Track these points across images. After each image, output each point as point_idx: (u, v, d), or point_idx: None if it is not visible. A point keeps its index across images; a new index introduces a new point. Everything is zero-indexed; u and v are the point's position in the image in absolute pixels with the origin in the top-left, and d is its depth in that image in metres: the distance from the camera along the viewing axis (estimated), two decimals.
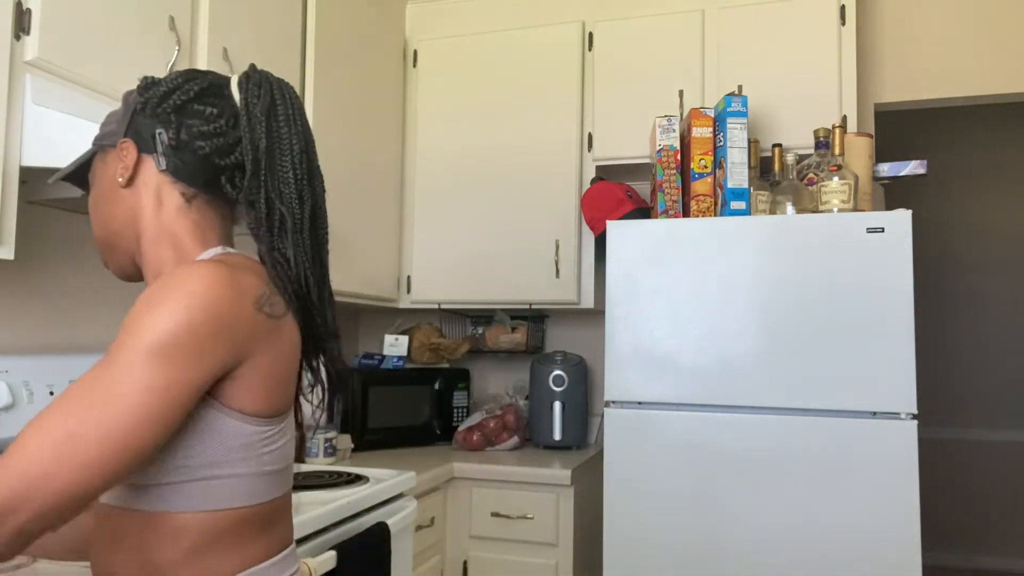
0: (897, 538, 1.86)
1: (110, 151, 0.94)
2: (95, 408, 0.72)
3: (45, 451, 0.70)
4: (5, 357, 1.52)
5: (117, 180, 0.92)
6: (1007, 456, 4.44)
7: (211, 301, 0.78)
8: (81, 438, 0.71)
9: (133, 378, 0.73)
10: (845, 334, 1.93)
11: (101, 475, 0.72)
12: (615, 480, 2.08)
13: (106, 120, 0.96)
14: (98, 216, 0.94)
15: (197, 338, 0.76)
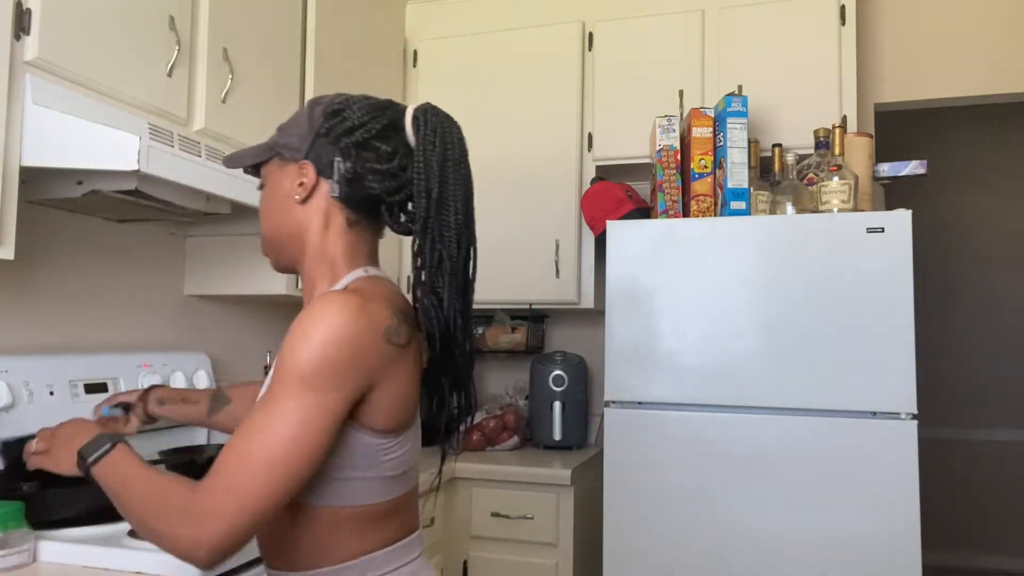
0: (897, 538, 1.86)
1: (290, 164, 1.03)
2: (263, 438, 0.86)
3: (235, 476, 0.85)
4: (5, 357, 1.52)
5: (294, 197, 1.02)
6: (1007, 456, 4.44)
7: (346, 335, 0.89)
8: (255, 465, 0.85)
9: (287, 410, 0.87)
10: (845, 334, 1.93)
11: (277, 494, 0.86)
12: (615, 480, 2.08)
13: (288, 127, 1.03)
14: (269, 220, 1.05)
15: (336, 371, 0.88)
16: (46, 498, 1.29)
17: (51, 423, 1.54)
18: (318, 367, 0.87)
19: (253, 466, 0.85)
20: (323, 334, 0.88)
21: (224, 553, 0.84)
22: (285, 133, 1.03)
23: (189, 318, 2.18)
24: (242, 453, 0.86)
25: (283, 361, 0.89)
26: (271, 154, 1.05)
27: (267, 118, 2.01)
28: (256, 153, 1.06)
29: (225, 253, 2.13)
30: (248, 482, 0.84)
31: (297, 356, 0.88)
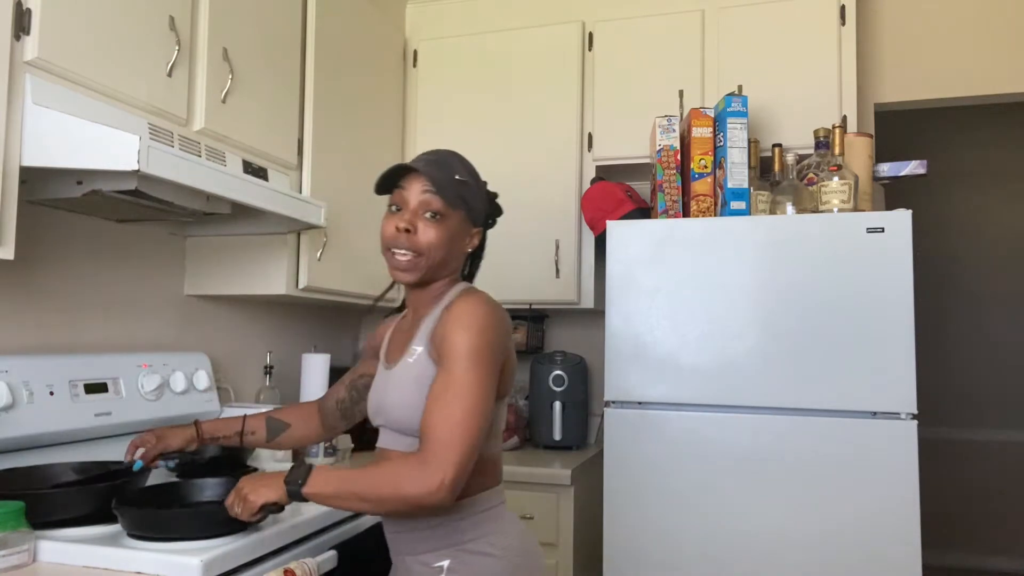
0: (897, 538, 1.86)
1: (472, 224, 1.34)
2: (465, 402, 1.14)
3: (449, 435, 1.12)
4: (5, 357, 1.52)
5: (466, 248, 1.35)
6: (1007, 456, 4.44)
7: (497, 323, 1.22)
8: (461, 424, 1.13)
9: (471, 381, 1.16)
10: (845, 334, 1.93)
11: (478, 444, 1.15)
12: (615, 480, 2.08)
13: (474, 196, 1.32)
14: (446, 250, 1.29)
15: (495, 350, 1.20)
16: (46, 498, 1.29)
17: (51, 423, 1.55)
18: (486, 348, 1.18)
19: (459, 425, 1.12)
20: (490, 328, 1.20)
21: (456, 490, 1.11)
22: (472, 197, 1.32)
23: (189, 318, 2.18)
24: (447, 417, 1.12)
25: (455, 346, 1.17)
26: (464, 209, 1.31)
27: (267, 118, 2.01)
28: (454, 200, 1.28)
29: (225, 253, 2.13)
30: (459, 437, 1.11)
31: (471, 341, 1.17)
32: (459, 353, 1.17)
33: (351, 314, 3.11)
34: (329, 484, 1.15)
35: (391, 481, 1.11)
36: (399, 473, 1.11)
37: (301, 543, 1.43)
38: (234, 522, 1.28)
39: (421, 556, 1.24)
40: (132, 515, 1.24)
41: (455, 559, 1.21)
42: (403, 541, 1.27)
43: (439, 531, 1.22)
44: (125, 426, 1.75)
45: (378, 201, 2.63)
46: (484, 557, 1.21)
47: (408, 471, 1.11)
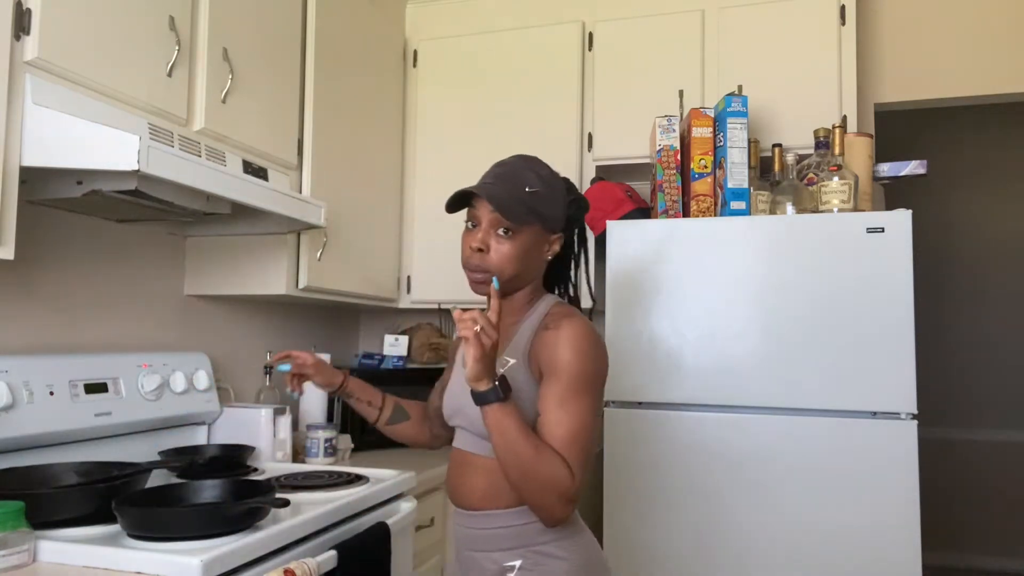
0: (897, 538, 1.86)
1: (550, 232, 1.34)
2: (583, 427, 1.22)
3: (580, 466, 1.20)
4: (5, 357, 1.52)
5: (545, 256, 1.36)
6: (1007, 456, 4.44)
7: (602, 351, 1.30)
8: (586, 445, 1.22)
9: (587, 407, 1.23)
10: (845, 334, 1.93)
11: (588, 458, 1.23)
12: (615, 480, 2.08)
13: (546, 203, 1.31)
14: (519, 264, 1.31)
15: (602, 376, 1.29)
16: (46, 498, 1.29)
17: (51, 423, 1.55)
18: (597, 375, 1.26)
19: (581, 449, 1.20)
20: (595, 352, 1.27)
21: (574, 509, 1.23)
22: (546, 206, 1.31)
23: (189, 318, 2.18)
24: (580, 443, 1.20)
25: (569, 368, 1.23)
26: (538, 220, 1.31)
27: (267, 118, 2.01)
28: (526, 213, 1.29)
29: (225, 253, 2.13)
30: (581, 462, 1.20)
31: (583, 365, 1.24)
32: (573, 376, 1.23)
33: (351, 314, 3.11)
34: (512, 424, 1.17)
35: (549, 480, 1.16)
36: (557, 481, 1.16)
37: (301, 543, 1.43)
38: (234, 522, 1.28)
39: (493, 554, 1.27)
40: (132, 515, 1.24)
41: (527, 559, 1.25)
42: (475, 538, 1.30)
43: (515, 531, 1.27)
44: (125, 426, 1.75)
45: (378, 201, 2.63)
46: (554, 560, 1.25)
47: (564, 487, 1.17)
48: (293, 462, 2.14)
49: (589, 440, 1.22)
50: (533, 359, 1.27)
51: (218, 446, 1.96)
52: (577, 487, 1.18)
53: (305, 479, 1.77)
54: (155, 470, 1.57)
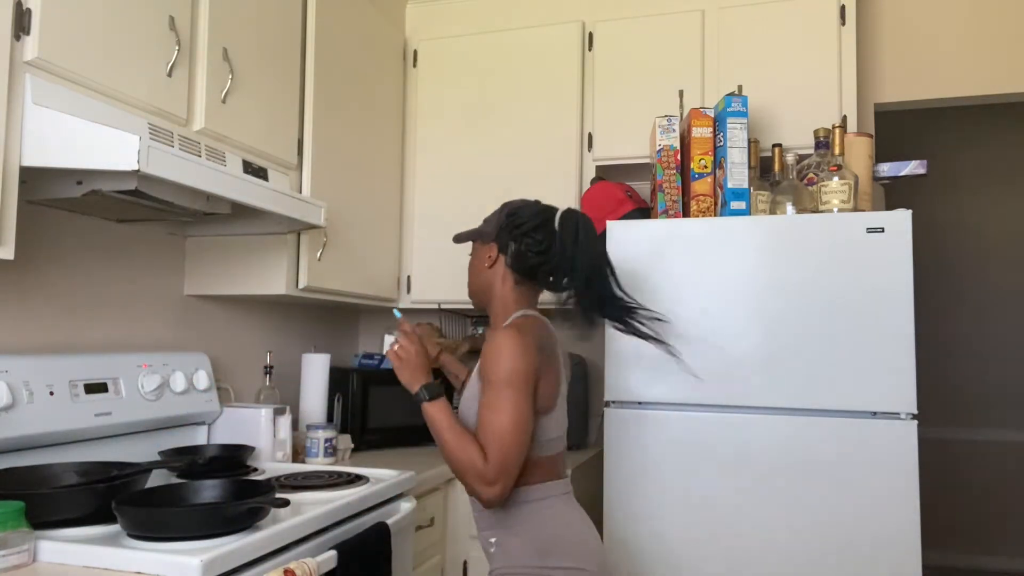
0: (897, 538, 1.86)
1: (487, 244, 1.62)
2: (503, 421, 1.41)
3: (501, 451, 1.40)
4: (5, 357, 1.52)
5: (485, 265, 1.61)
6: (1007, 456, 4.44)
7: (520, 352, 1.44)
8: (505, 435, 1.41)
9: (508, 403, 1.42)
10: (845, 334, 1.93)
11: (523, 454, 1.43)
12: (615, 480, 2.08)
13: (487, 220, 1.63)
14: (472, 278, 1.66)
15: (521, 374, 1.43)
16: (46, 498, 1.29)
17: (51, 423, 1.55)
18: (514, 374, 1.43)
19: (501, 442, 1.40)
20: (510, 355, 1.43)
21: (503, 495, 1.41)
22: (485, 224, 1.63)
23: (189, 318, 2.18)
24: (494, 437, 1.40)
25: (488, 374, 1.44)
26: (478, 237, 1.64)
27: (267, 118, 2.01)
28: (467, 235, 1.67)
29: (225, 253, 2.13)
30: (502, 454, 1.40)
31: (497, 369, 1.43)
32: (493, 380, 1.44)
33: (351, 314, 3.11)
34: (439, 417, 1.47)
35: (466, 466, 1.42)
36: (473, 467, 1.41)
37: (301, 543, 1.43)
38: (234, 522, 1.28)
39: (484, 533, 1.56)
40: (132, 515, 1.24)
41: (499, 537, 1.52)
42: (477, 520, 1.59)
43: (492, 515, 1.53)
44: (125, 426, 1.75)
45: (378, 201, 2.63)
46: (513, 537, 1.49)
47: (478, 473, 1.41)
48: (293, 462, 2.14)
49: (512, 430, 1.41)
50: (480, 369, 1.51)
51: (218, 446, 1.96)
52: (490, 473, 1.40)
53: (305, 479, 1.77)
54: (155, 470, 1.58)
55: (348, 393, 2.49)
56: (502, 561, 1.50)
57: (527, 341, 1.46)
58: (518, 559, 1.47)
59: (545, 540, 1.47)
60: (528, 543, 1.47)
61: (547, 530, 1.48)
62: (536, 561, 1.45)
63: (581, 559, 1.47)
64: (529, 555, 1.46)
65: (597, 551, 1.52)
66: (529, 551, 1.46)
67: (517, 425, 1.41)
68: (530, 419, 1.43)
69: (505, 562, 1.49)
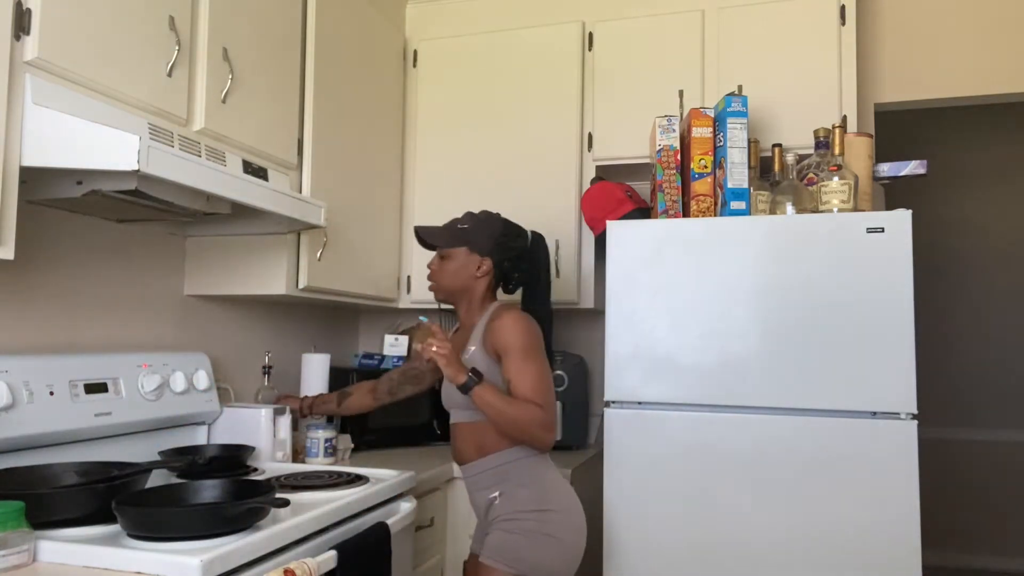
0: (897, 538, 1.86)
1: (476, 254, 1.88)
2: (542, 378, 1.76)
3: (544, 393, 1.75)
4: (5, 357, 1.52)
5: (475, 274, 1.88)
6: (1007, 456, 4.44)
7: (530, 326, 1.80)
8: (547, 386, 1.77)
9: (539, 363, 1.78)
10: (845, 334, 1.93)
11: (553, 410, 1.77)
12: (615, 480, 2.08)
13: (478, 231, 1.89)
14: (450, 280, 1.89)
15: (540, 344, 1.81)
16: (46, 498, 1.29)
17: (51, 423, 1.55)
18: (536, 343, 1.79)
19: (546, 393, 1.75)
20: (531, 328, 1.80)
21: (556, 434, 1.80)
22: (473, 236, 1.88)
23: (189, 318, 2.18)
24: (540, 388, 1.74)
25: (516, 342, 1.76)
26: (465, 244, 1.88)
27: (267, 118, 2.02)
28: (451, 240, 1.89)
29: (225, 253, 2.13)
30: (549, 402, 1.75)
31: (525, 338, 1.77)
32: (516, 348, 1.76)
33: (351, 314, 3.11)
34: (492, 394, 1.72)
35: (531, 420, 1.71)
36: (536, 418, 1.71)
37: (301, 543, 1.43)
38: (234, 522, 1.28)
39: (483, 491, 1.83)
40: (132, 515, 1.24)
41: (503, 492, 1.80)
42: (471, 484, 1.85)
43: (492, 473, 1.81)
44: (125, 426, 1.75)
45: (378, 201, 2.63)
46: (521, 488, 1.78)
47: (540, 420, 1.72)
48: (293, 462, 2.14)
49: (548, 382, 1.76)
50: (488, 343, 1.80)
51: (218, 446, 1.96)
52: (550, 416, 1.73)
53: (305, 479, 1.77)
54: (155, 470, 1.58)
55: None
56: (507, 508, 1.77)
57: (528, 316, 1.81)
58: (523, 505, 1.76)
59: (545, 489, 1.79)
60: (532, 492, 1.77)
61: (545, 482, 1.80)
62: (538, 506, 1.76)
63: (566, 504, 1.79)
64: (533, 501, 1.76)
65: (573, 497, 1.83)
66: (533, 498, 1.76)
67: (549, 379, 1.77)
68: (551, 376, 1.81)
69: (511, 508, 1.76)
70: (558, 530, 1.75)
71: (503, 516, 1.76)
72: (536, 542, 1.73)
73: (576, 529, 1.78)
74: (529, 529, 1.74)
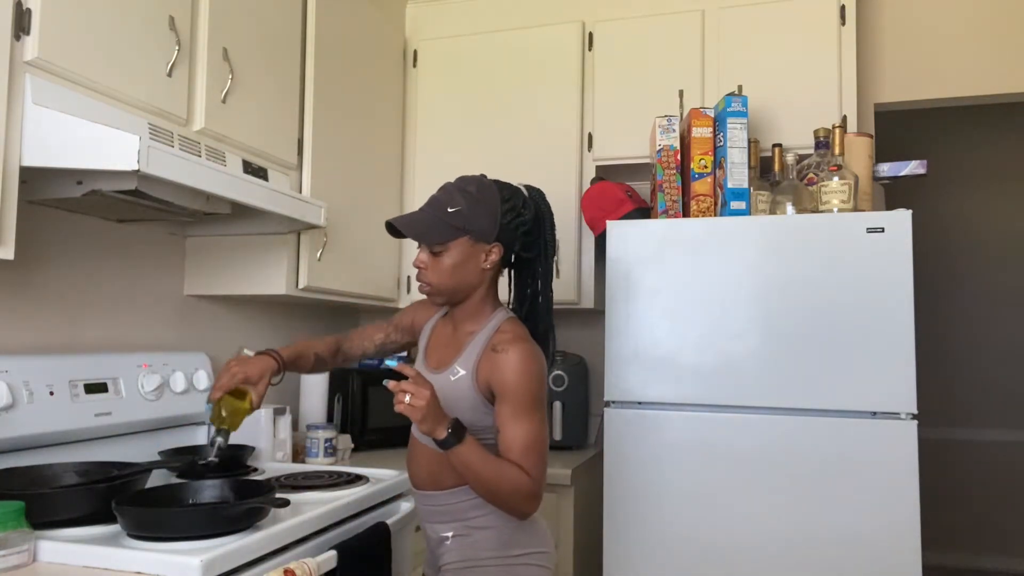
0: (897, 538, 1.86)
1: (482, 242, 1.47)
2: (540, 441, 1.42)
3: (539, 467, 1.41)
4: (5, 357, 1.52)
5: (482, 266, 1.48)
6: (1007, 456, 4.44)
7: (544, 371, 1.45)
8: (542, 450, 1.42)
9: (538, 421, 1.42)
10: (845, 334, 1.93)
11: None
12: (615, 480, 2.08)
13: (475, 214, 1.45)
14: (450, 278, 1.47)
15: (543, 392, 1.45)
16: (46, 498, 1.29)
17: (51, 423, 1.55)
18: (541, 393, 1.43)
19: (539, 458, 1.41)
20: (539, 373, 1.43)
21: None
22: (472, 220, 1.44)
23: (189, 318, 2.18)
24: (536, 451, 1.40)
25: (518, 389, 1.40)
26: (464, 235, 1.45)
27: (267, 118, 2.01)
28: (447, 231, 1.44)
29: (225, 253, 2.13)
30: (541, 470, 1.41)
31: (530, 386, 1.41)
32: (523, 398, 1.41)
33: (351, 314, 3.11)
34: (473, 457, 1.37)
35: (512, 491, 1.39)
36: (518, 489, 1.39)
37: (301, 543, 1.43)
38: (234, 522, 1.28)
39: (435, 526, 1.52)
40: (132, 515, 1.24)
41: (457, 531, 1.49)
42: (428, 513, 1.54)
43: (448, 509, 1.50)
44: (125, 426, 1.75)
45: (378, 201, 2.63)
46: (481, 531, 1.48)
47: (526, 491, 1.39)
48: (293, 462, 2.14)
49: (543, 445, 1.42)
50: (481, 374, 1.44)
51: None
52: (537, 487, 1.40)
53: (305, 479, 1.77)
54: (155, 470, 1.57)
55: (348, 393, 2.50)
56: (462, 555, 1.47)
57: (542, 357, 1.46)
58: (479, 552, 1.46)
59: (509, 532, 1.48)
60: (492, 536, 1.47)
61: (511, 523, 1.48)
62: (499, 551, 1.47)
63: (538, 543, 1.51)
64: (491, 548, 1.46)
65: (548, 534, 1.56)
66: (492, 544, 1.47)
67: (545, 439, 1.44)
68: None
69: (463, 556, 1.47)
70: (529, 572, 1.48)
71: (454, 564, 1.47)
72: None
73: (549, 571, 1.53)
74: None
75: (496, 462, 1.38)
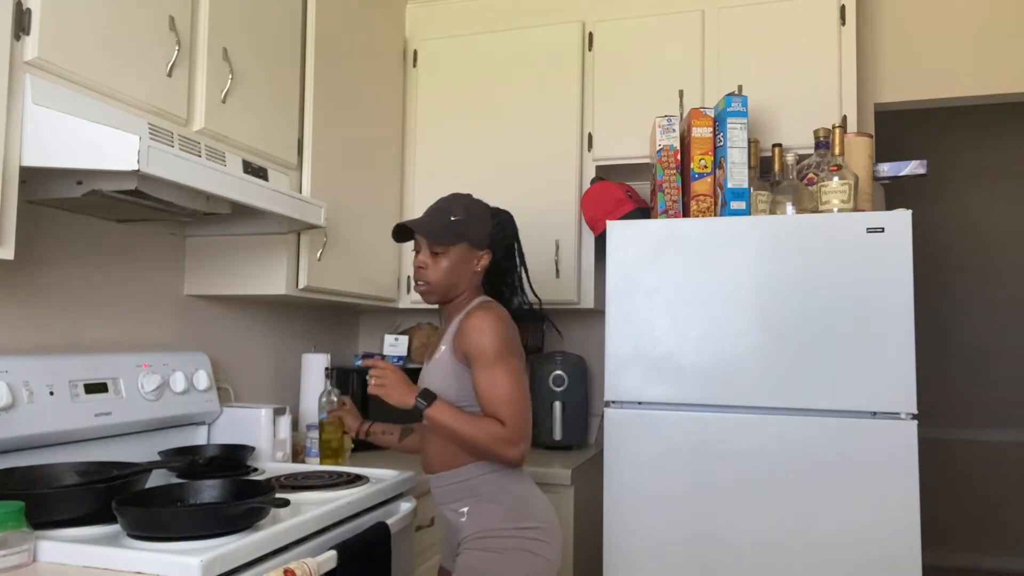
0: (897, 538, 1.86)
1: (477, 249, 1.72)
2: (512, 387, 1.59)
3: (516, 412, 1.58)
4: (5, 357, 1.52)
5: (475, 269, 1.72)
6: (1007, 456, 4.44)
7: (500, 325, 1.62)
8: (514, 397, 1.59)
9: (508, 370, 1.59)
10: (845, 334, 1.93)
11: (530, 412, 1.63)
12: (615, 480, 2.08)
13: (471, 224, 1.69)
14: (447, 278, 1.69)
15: (512, 345, 1.63)
16: (46, 498, 1.29)
17: (51, 423, 1.55)
18: (507, 345, 1.61)
19: (518, 404, 1.58)
20: (501, 329, 1.61)
21: (526, 453, 1.60)
22: (470, 228, 1.69)
23: (189, 318, 2.18)
24: (506, 400, 1.57)
25: (481, 346, 1.59)
26: (463, 241, 1.69)
27: (267, 118, 2.01)
28: (451, 236, 1.68)
29: (225, 253, 2.13)
30: (521, 415, 1.58)
31: (493, 342, 1.59)
32: (485, 354, 1.59)
33: (351, 314, 3.11)
34: (445, 415, 1.57)
35: (489, 439, 1.56)
36: (495, 437, 1.56)
37: (301, 543, 1.43)
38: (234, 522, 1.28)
39: (451, 504, 1.68)
40: (132, 515, 1.24)
41: (472, 506, 1.65)
42: (443, 494, 1.69)
43: (461, 486, 1.66)
44: (125, 426, 1.75)
45: (378, 201, 2.63)
46: (491, 504, 1.64)
47: (502, 439, 1.56)
48: (293, 462, 2.14)
49: (517, 394, 1.58)
50: (456, 344, 1.64)
51: (218, 446, 1.96)
52: (512, 432, 1.56)
53: (305, 479, 1.77)
54: (155, 470, 1.58)
55: (348, 393, 2.49)
56: (476, 527, 1.63)
57: (502, 314, 1.65)
58: (493, 523, 1.62)
59: (517, 505, 1.64)
60: (503, 508, 1.63)
61: (518, 496, 1.65)
62: (510, 523, 1.62)
63: (544, 519, 1.66)
64: (503, 519, 1.62)
65: (552, 511, 1.71)
66: (503, 515, 1.62)
67: (520, 386, 1.59)
68: (526, 378, 1.63)
69: (480, 527, 1.62)
70: (538, 546, 1.62)
71: (473, 535, 1.62)
72: (515, 559, 1.59)
73: (556, 547, 1.67)
74: (505, 547, 1.60)
75: (470, 416, 1.57)
